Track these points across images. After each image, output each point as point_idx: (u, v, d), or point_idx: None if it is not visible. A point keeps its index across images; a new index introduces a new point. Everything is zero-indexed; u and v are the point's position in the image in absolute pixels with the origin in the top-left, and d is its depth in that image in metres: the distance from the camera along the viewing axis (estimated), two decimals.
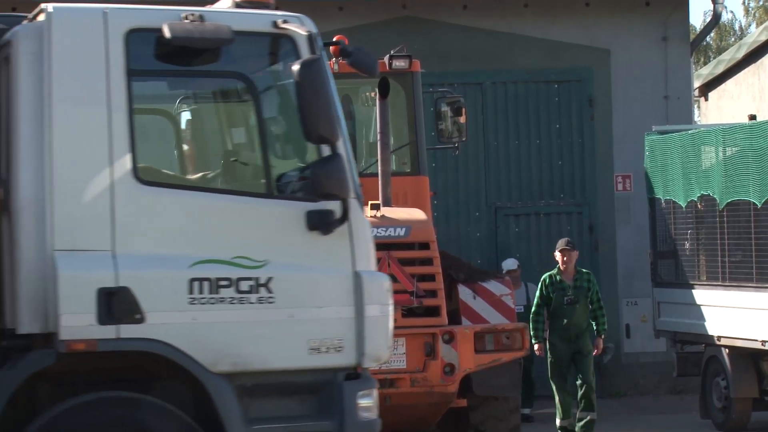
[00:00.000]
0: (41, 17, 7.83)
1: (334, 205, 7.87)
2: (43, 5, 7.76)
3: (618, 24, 18.38)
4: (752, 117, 16.79)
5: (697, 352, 15.53)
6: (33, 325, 7.62)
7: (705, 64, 33.58)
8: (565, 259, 13.94)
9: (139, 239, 7.72)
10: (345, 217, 7.85)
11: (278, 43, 8.03)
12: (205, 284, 7.72)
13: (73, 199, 7.65)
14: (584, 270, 14.35)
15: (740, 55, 23.78)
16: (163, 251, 7.73)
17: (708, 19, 25.01)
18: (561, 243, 14.21)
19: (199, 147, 8.56)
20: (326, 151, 7.80)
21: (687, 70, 19.19)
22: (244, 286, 7.78)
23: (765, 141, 13.95)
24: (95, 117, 7.68)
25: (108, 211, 7.67)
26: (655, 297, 16.17)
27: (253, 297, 7.80)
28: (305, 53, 7.82)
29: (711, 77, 25.10)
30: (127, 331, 7.61)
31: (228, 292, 7.75)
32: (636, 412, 16.84)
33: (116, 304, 7.59)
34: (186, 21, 7.68)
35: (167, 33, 7.63)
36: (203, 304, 7.71)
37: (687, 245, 15.59)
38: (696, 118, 26.86)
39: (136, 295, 7.60)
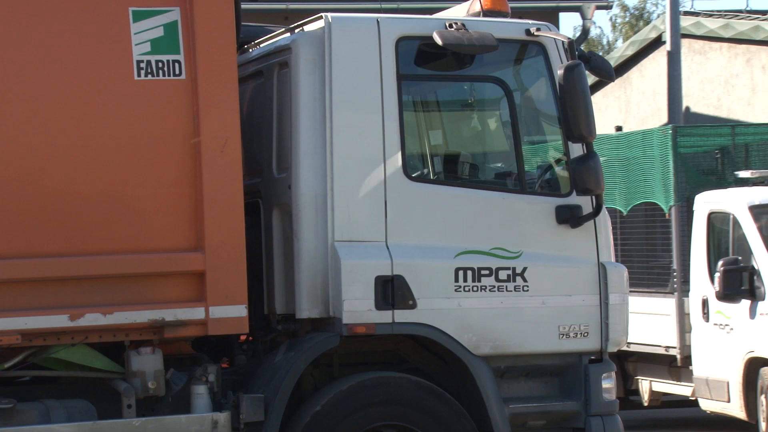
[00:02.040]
0: (313, 26, 8.39)
1: (582, 200, 8.45)
2: (322, 15, 8.31)
3: None
4: (618, 128, 17.60)
5: None
6: (312, 311, 8.21)
7: None
8: None
9: (408, 231, 8.28)
10: (598, 210, 8.42)
11: (528, 50, 8.61)
12: (469, 273, 8.30)
13: (350, 195, 8.21)
14: None
15: None
16: (429, 242, 8.30)
17: (577, 34, 25.55)
18: None
19: (460, 146, 9.03)
20: (582, 149, 8.32)
21: None
22: (503, 275, 8.36)
23: (630, 151, 14.89)
24: (370, 118, 8.24)
25: (381, 205, 8.24)
26: None
27: (510, 285, 8.38)
28: (563, 58, 8.38)
29: None
30: (401, 316, 8.19)
31: (488, 281, 8.33)
32: None
33: (391, 291, 8.17)
34: (452, 29, 8.25)
35: (439, 40, 8.19)
36: (467, 291, 8.29)
37: None
38: None
39: (408, 282, 8.18)
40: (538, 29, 8.52)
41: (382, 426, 8.31)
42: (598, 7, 24.44)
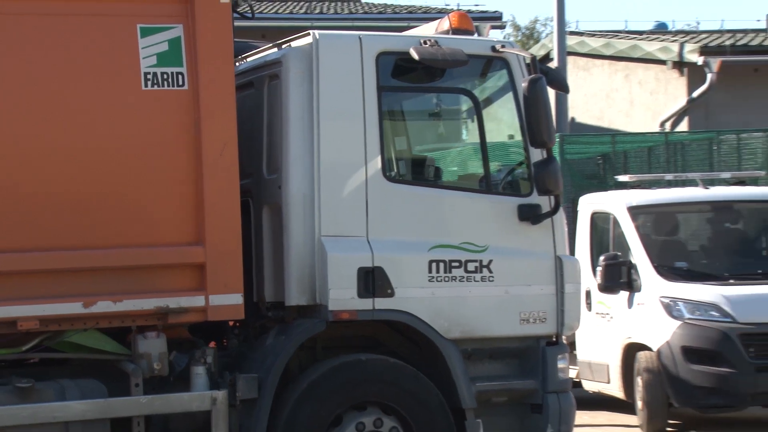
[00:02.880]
0: (300, 43, 8.82)
1: (542, 200, 8.98)
2: (309, 31, 8.76)
3: None
4: (510, 137, 18.01)
5: None
6: (300, 299, 8.64)
7: None
8: None
9: (387, 227, 8.73)
10: (556, 209, 8.97)
11: (494, 64, 9.09)
12: (441, 265, 8.80)
13: (335, 195, 8.64)
14: None
15: None
16: (405, 237, 8.76)
17: None
18: None
19: (433, 151, 9.49)
20: (542, 154, 8.84)
21: None
22: (471, 266, 8.88)
23: None
24: (353, 126, 8.66)
25: (363, 204, 8.68)
26: None
27: (478, 276, 8.89)
28: (525, 72, 8.88)
29: None
30: (380, 303, 8.66)
31: (458, 272, 8.85)
32: None
33: (372, 281, 8.63)
34: (426, 45, 8.74)
35: (415, 55, 8.66)
36: (439, 281, 8.79)
37: None
38: None
39: (387, 273, 8.67)
40: (503, 46, 9.01)
41: (365, 403, 8.65)
42: (493, 27, 24.82)
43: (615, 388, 13.99)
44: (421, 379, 8.76)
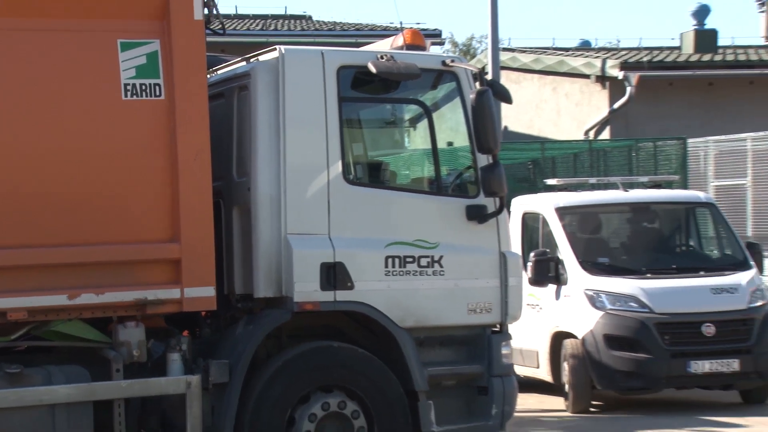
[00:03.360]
0: (267, 57, 8.87)
1: (488, 201, 9.07)
2: (276, 47, 8.83)
3: None
4: (450, 144, 18.03)
5: None
6: (268, 291, 8.70)
7: None
8: None
9: (347, 226, 8.78)
10: (501, 209, 9.06)
11: (444, 77, 9.18)
12: (396, 260, 8.87)
13: (300, 196, 8.68)
14: None
15: None
16: (364, 235, 8.82)
17: None
18: None
19: (389, 156, 9.60)
20: (488, 159, 8.97)
21: None
22: (423, 262, 8.95)
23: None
24: (316, 133, 8.71)
25: (325, 205, 8.73)
26: None
27: (430, 270, 8.96)
28: (472, 85, 8.98)
29: None
30: (341, 295, 8.72)
31: (412, 267, 8.91)
32: None
33: (333, 275, 8.69)
34: (383, 60, 8.83)
35: (373, 69, 8.73)
36: (395, 275, 8.86)
37: None
38: None
39: (348, 268, 8.73)
40: (453, 61, 9.12)
41: (332, 386, 8.70)
42: (433, 43, 25.01)
43: (544, 373, 14.15)
44: (384, 370, 8.82)
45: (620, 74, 23.59)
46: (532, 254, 13.91)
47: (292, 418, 8.66)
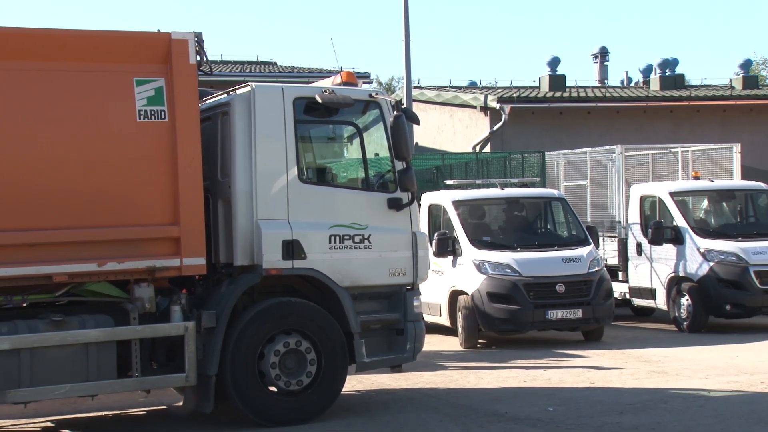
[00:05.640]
0: (242, 91, 8.76)
1: (403, 195, 9.01)
2: (249, 84, 8.72)
3: None
4: (376, 155, 17.86)
5: None
6: (244, 260, 8.58)
7: None
8: None
9: (301, 213, 8.65)
10: (412, 201, 9.01)
11: (371, 105, 9.08)
12: (337, 238, 8.74)
13: (267, 192, 8.57)
14: None
15: None
16: (313, 219, 8.68)
17: None
18: None
19: (332, 162, 9.40)
20: (403, 165, 8.95)
21: None
22: (357, 239, 8.83)
23: None
24: (278, 146, 8.60)
25: (285, 198, 8.62)
26: None
27: (362, 245, 8.83)
28: (391, 111, 8.89)
29: None
30: (297, 264, 8.60)
31: (348, 243, 8.79)
32: None
33: (291, 249, 8.59)
34: (326, 93, 8.77)
35: (319, 99, 8.65)
36: (336, 249, 8.73)
37: None
38: None
39: (302, 244, 8.62)
40: (377, 94, 9.03)
41: (291, 330, 8.60)
42: (363, 81, 24.36)
43: (444, 320, 14.15)
44: (328, 317, 8.73)
45: (498, 105, 23.77)
46: (435, 234, 13.83)
47: (261, 353, 8.54)
